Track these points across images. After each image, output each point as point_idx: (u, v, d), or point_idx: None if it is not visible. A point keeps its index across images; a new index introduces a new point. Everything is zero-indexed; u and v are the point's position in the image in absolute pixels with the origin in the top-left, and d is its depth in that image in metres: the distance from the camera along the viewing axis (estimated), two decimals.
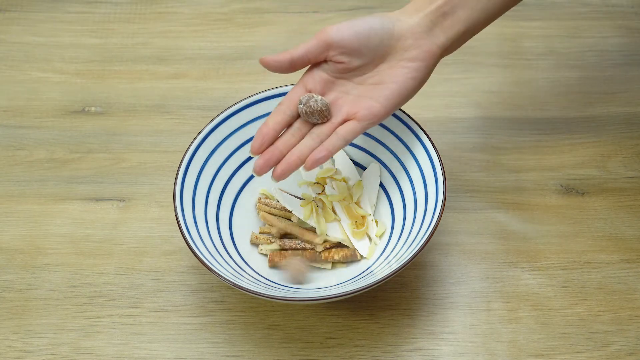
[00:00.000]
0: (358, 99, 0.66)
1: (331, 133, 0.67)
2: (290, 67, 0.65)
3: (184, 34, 0.97)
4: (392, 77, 0.66)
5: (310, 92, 0.66)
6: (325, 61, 0.66)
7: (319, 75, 0.67)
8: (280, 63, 0.65)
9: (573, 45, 0.93)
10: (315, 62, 0.67)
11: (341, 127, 0.66)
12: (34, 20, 0.99)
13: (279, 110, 0.66)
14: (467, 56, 0.92)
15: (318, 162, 0.65)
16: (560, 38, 0.94)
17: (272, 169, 0.66)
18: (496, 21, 0.68)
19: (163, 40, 0.96)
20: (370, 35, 0.65)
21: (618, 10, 0.96)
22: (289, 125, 0.67)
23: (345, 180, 0.76)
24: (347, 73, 0.67)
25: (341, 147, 0.66)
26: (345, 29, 0.64)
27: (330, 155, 0.66)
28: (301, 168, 0.76)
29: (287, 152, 0.66)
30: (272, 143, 0.66)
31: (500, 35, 0.94)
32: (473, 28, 0.67)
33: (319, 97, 0.65)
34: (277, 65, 0.65)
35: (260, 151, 0.65)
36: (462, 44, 0.68)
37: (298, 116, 0.67)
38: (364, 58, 0.65)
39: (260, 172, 0.65)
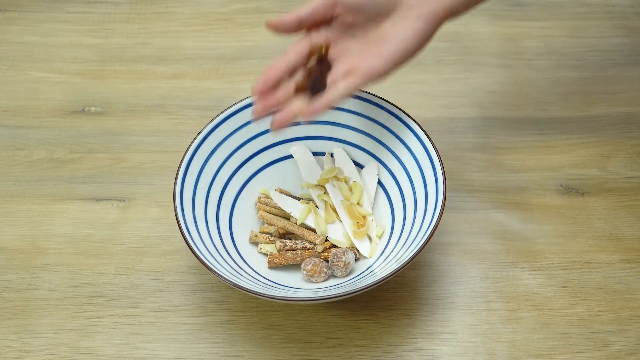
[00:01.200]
0: (360, 54, 0.66)
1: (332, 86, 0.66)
2: (298, 27, 0.66)
3: (184, 34, 0.97)
4: (394, 34, 0.65)
5: (314, 46, 0.66)
6: (330, 19, 0.67)
7: (324, 30, 0.67)
8: (288, 24, 0.65)
9: (573, 45, 0.93)
10: (322, 22, 0.67)
11: (342, 80, 0.65)
12: (34, 20, 0.99)
13: (284, 59, 0.66)
14: (467, 56, 0.92)
15: (317, 111, 0.64)
16: (560, 38, 0.94)
17: (270, 120, 0.65)
18: (496, 21, 0.68)
19: (163, 40, 0.96)
20: None
21: (618, 10, 0.96)
22: (290, 74, 0.66)
23: (346, 180, 0.76)
24: (351, 30, 0.67)
25: (340, 99, 0.65)
26: None
27: (329, 106, 0.64)
28: (301, 169, 0.77)
29: (286, 101, 0.65)
30: (274, 87, 0.65)
31: (500, 35, 0.94)
32: None
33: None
34: (285, 26, 0.65)
35: (263, 90, 0.64)
36: (467, 10, 0.67)
37: (300, 66, 0.67)
38: (368, 15, 0.66)
39: (258, 115, 0.64)
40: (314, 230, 0.73)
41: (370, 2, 0.65)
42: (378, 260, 0.71)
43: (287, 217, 0.75)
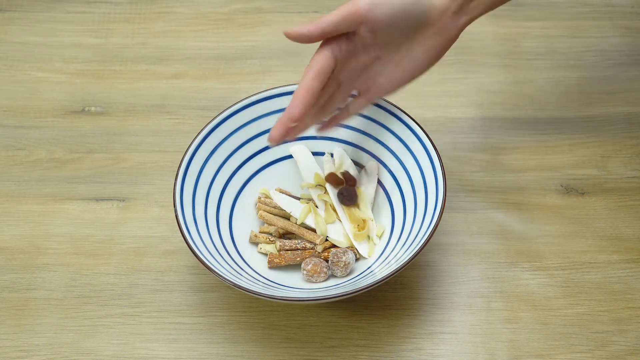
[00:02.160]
0: (374, 76, 0.67)
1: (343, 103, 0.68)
2: (321, 37, 0.63)
3: (184, 34, 0.97)
4: (411, 59, 0.66)
5: (336, 59, 0.64)
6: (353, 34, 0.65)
7: (345, 44, 0.64)
8: (312, 34, 0.62)
9: (573, 45, 0.93)
10: (343, 36, 0.64)
11: (352, 102, 0.69)
12: (34, 20, 0.99)
13: (310, 77, 0.63)
14: (467, 56, 0.92)
15: (328, 127, 0.68)
16: (560, 38, 0.94)
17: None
18: (496, 21, 0.68)
19: (163, 40, 0.96)
20: (404, 19, 0.63)
21: (618, 10, 0.96)
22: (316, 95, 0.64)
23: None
24: (370, 47, 0.65)
25: (348, 118, 0.70)
26: (382, 7, 0.62)
27: (337, 123, 0.68)
28: (301, 169, 0.77)
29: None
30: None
31: (500, 35, 0.94)
32: (491, 7, 0.67)
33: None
34: (307, 39, 0.62)
35: (302, 118, 0.63)
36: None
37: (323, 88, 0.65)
38: (390, 37, 0.64)
39: (276, 141, 0.63)
40: (314, 230, 0.73)
41: (396, 27, 0.63)
42: (378, 260, 0.71)
43: (287, 217, 0.75)
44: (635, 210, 0.78)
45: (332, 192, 0.74)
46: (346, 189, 0.73)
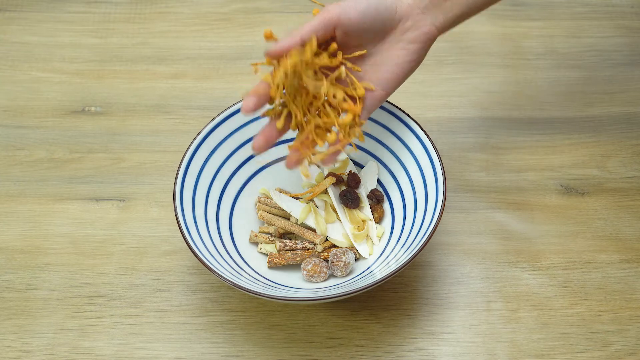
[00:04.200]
0: (362, 77, 0.66)
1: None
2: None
3: (184, 34, 0.97)
4: (391, 58, 0.66)
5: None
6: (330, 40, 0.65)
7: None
8: (292, 46, 0.62)
9: (573, 45, 0.93)
10: (322, 42, 0.65)
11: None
12: (34, 20, 0.99)
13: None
14: (467, 56, 0.92)
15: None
16: (560, 38, 0.94)
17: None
18: (496, 21, 0.68)
19: (163, 40, 0.96)
20: (375, 17, 0.64)
21: (618, 10, 0.96)
22: None
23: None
24: (347, 52, 0.66)
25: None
26: (351, 9, 0.63)
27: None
28: (301, 172, 0.77)
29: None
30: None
31: (500, 35, 0.94)
32: (470, 10, 0.67)
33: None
34: (290, 49, 0.62)
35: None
36: (458, 24, 0.68)
37: None
38: (365, 38, 0.65)
39: (260, 149, 0.64)
40: (314, 230, 0.73)
41: (369, 27, 0.64)
42: (378, 260, 0.71)
43: (287, 217, 0.75)
44: (635, 210, 0.78)
45: (332, 192, 0.74)
46: (349, 191, 0.73)
